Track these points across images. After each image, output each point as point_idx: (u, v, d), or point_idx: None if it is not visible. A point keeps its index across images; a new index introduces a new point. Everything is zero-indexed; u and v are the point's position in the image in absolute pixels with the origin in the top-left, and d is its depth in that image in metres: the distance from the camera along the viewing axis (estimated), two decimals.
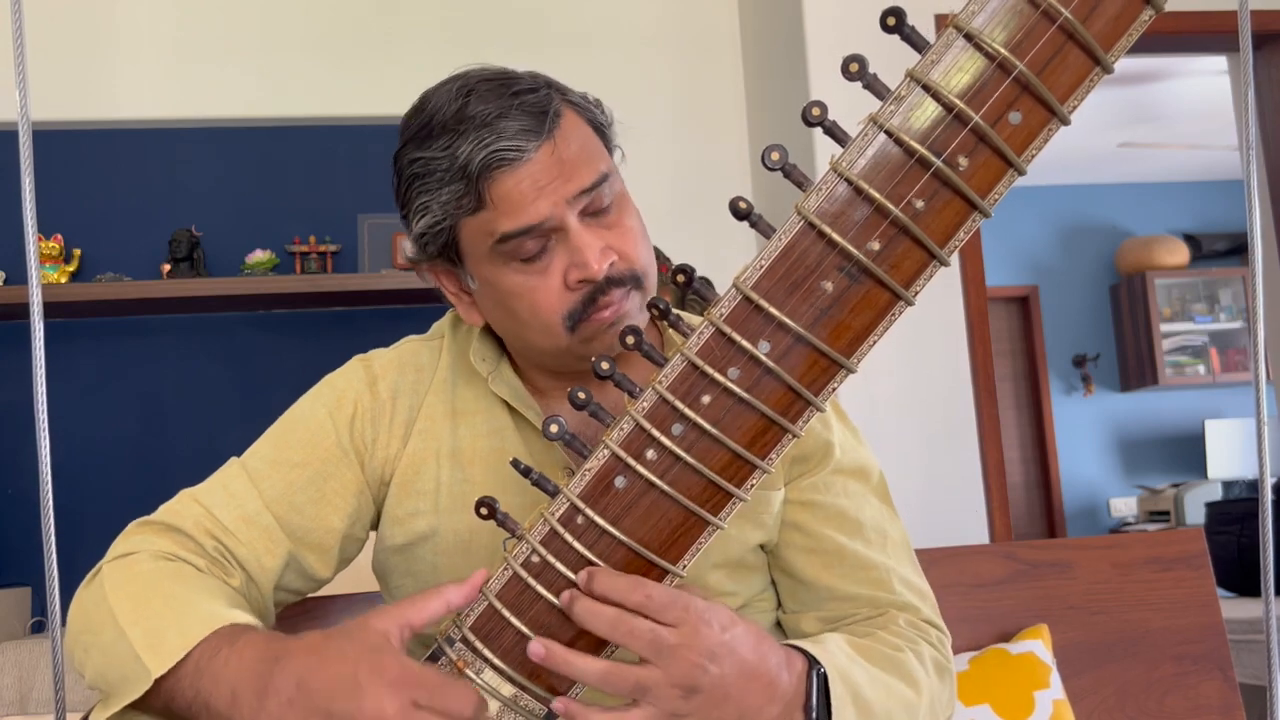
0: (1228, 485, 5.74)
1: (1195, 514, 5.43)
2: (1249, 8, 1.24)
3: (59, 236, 2.87)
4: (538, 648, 0.75)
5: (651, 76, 3.16)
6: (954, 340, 2.78)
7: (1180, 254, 6.12)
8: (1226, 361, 6.17)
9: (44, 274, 2.81)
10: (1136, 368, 6.13)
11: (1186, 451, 6.07)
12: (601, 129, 1.00)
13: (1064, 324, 6.22)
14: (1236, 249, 6.24)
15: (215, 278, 2.92)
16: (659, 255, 3.00)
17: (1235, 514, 3.95)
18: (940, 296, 2.76)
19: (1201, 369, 6.12)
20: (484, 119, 0.93)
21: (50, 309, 2.76)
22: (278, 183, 3.11)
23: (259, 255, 2.95)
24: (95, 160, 3.01)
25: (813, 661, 0.84)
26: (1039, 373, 6.18)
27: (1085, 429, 6.16)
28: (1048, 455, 6.11)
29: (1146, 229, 6.28)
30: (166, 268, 2.92)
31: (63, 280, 2.85)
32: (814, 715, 0.82)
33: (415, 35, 3.07)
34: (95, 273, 2.90)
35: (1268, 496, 1.02)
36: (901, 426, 2.69)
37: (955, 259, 2.90)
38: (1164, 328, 6.05)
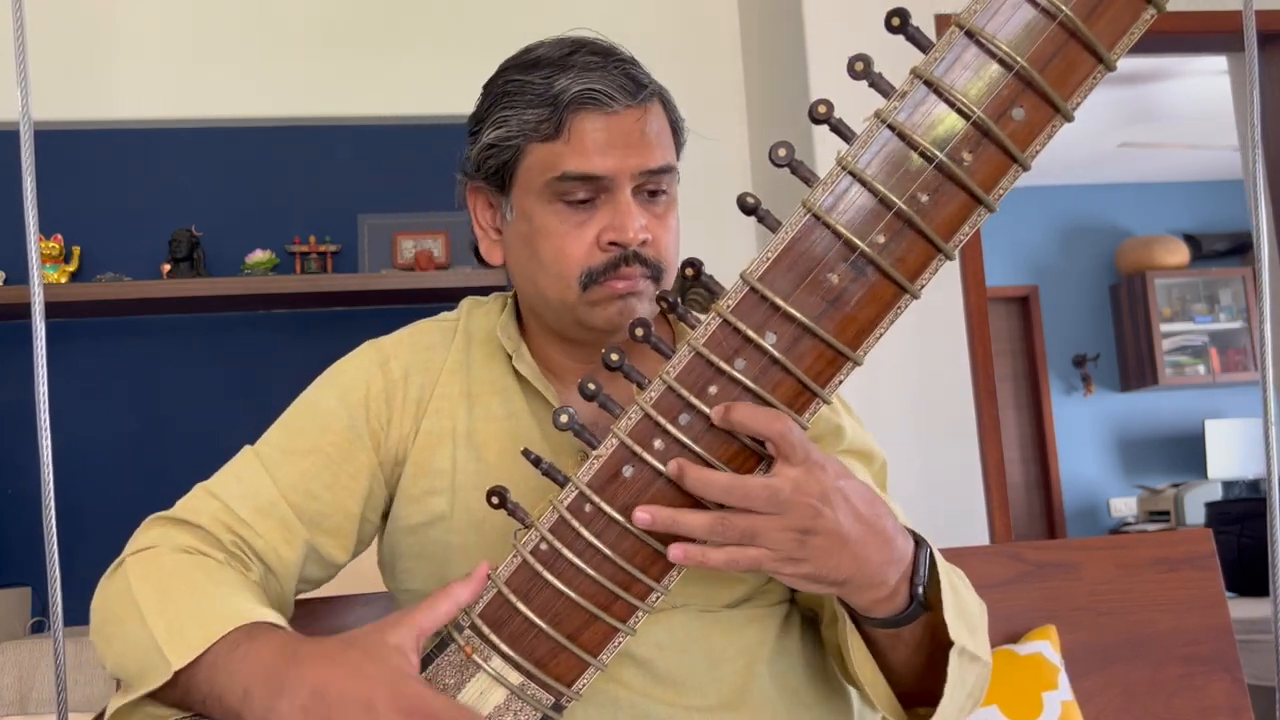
0: (1228, 485, 5.74)
1: (1195, 514, 5.43)
2: (1253, 7, 1.23)
3: (59, 236, 2.86)
4: (644, 515, 0.75)
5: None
6: (954, 340, 2.78)
7: (1180, 254, 6.12)
8: (1226, 361, 6.16)
9: (44, 274, 2.81)
10: (1136, 368, 6.12)
11: (1186, 451, 6.07)
12: (678, 133, 1.04)
13: (1064, 324, 6.22)
14: (1236, 249, 6.24)
15: (215, 278, 2.91)
16: None
17: (1235, 514, 3.96)
18: (940, 296, 2.75)
19: (1201, 369, 6.11)
20: (589, 66, 0.99)
21: (50, 309, 2.75)
22: (278, 183, 3.10)
23: (259, 255, 2.94)
24: (95, 160, 3.01)
25: (919, 541, 0.85)
26: (1039, 373, 6.18)
27: (1085, 429, 6.16)
28: (1048, 455, 6.10)
29: (1146, 229, 6.27)
30: (166, 268, 2.91)
31: (63, 280, 2.84)
32: (920, 590, 0.83)
33: (415, 36, 3.07)
34: (95, 273, 2.90)
35: (1275, 496, 1.01)
36: (901, 426, 2.69)
37: (956, 257, 2.91)
38: (1164, 328, 6.05)
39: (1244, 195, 1.23)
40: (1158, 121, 5.40)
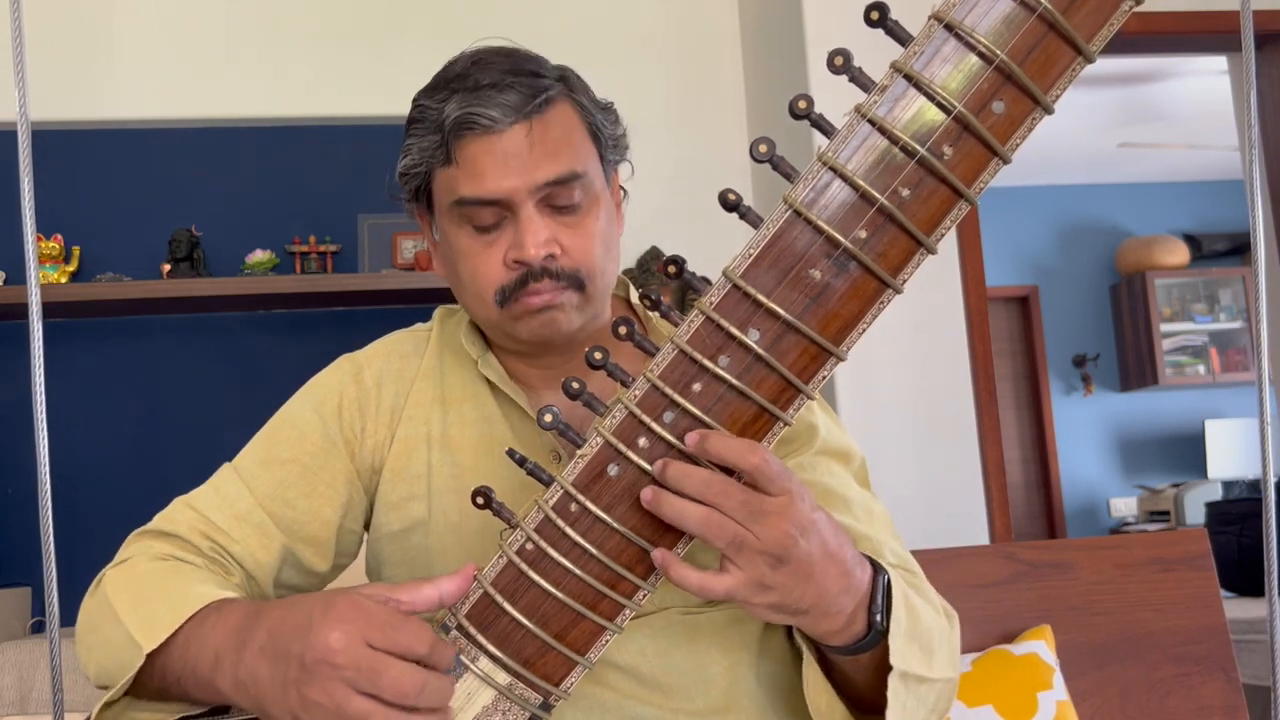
0: (1228, 485, 5.74)
1: (1195, 514, 5.43)
2: (1250, 7, 1.23)
3: (59, 236, 2.86)
4: (648, 494, 0.75)
5: (651, 76, 3.16)
6: (954, 340, 2.77)
7: (1180, 254, 6.12)
8: (1226, 361, 6.17)
9: (44, 274, 2.81)
10: (1136, 368, 6.12)
11: (1186, 451, 6.07)
12: (598, 133, 1.02)
13: (1064, 324, 6.22)
14: (1236, 249, 6.24)
15: (215, 278, 2.91)
16: (659, 256, 3.00)
17: (1235, 514, 3.95)
18: (940, 296, 2.75)
19: (1201, 369, 6.11)
20: (477, 84, 0.97)
21: (50, 309, 2.75)
22: (278, 183, 3.10)
23: (259, 255, 2.94)
24: (95, 160, 3.01)
25: (877, 567, 0.85)
26: (1039, 373, 6.18)
27: (1085, 429, 6.16)
28: (1048, 455, 6.11)
29: (1146, 229, 6.28)
30: (166, 268, 2.91)
31: (63, 280, 2.84)
32: (878, 618, 0.83)
33: (415, 35, 3.07)
34: (95, 273, 2.90)
35: (1271, 497, 1.01)
36: (901, 426, 2.69)
37: (955, 258, 2.91)
38: (1164, 328, 6.05)
39: (1244, 195, 1.23)
40: (1158, 121, 5.40)
